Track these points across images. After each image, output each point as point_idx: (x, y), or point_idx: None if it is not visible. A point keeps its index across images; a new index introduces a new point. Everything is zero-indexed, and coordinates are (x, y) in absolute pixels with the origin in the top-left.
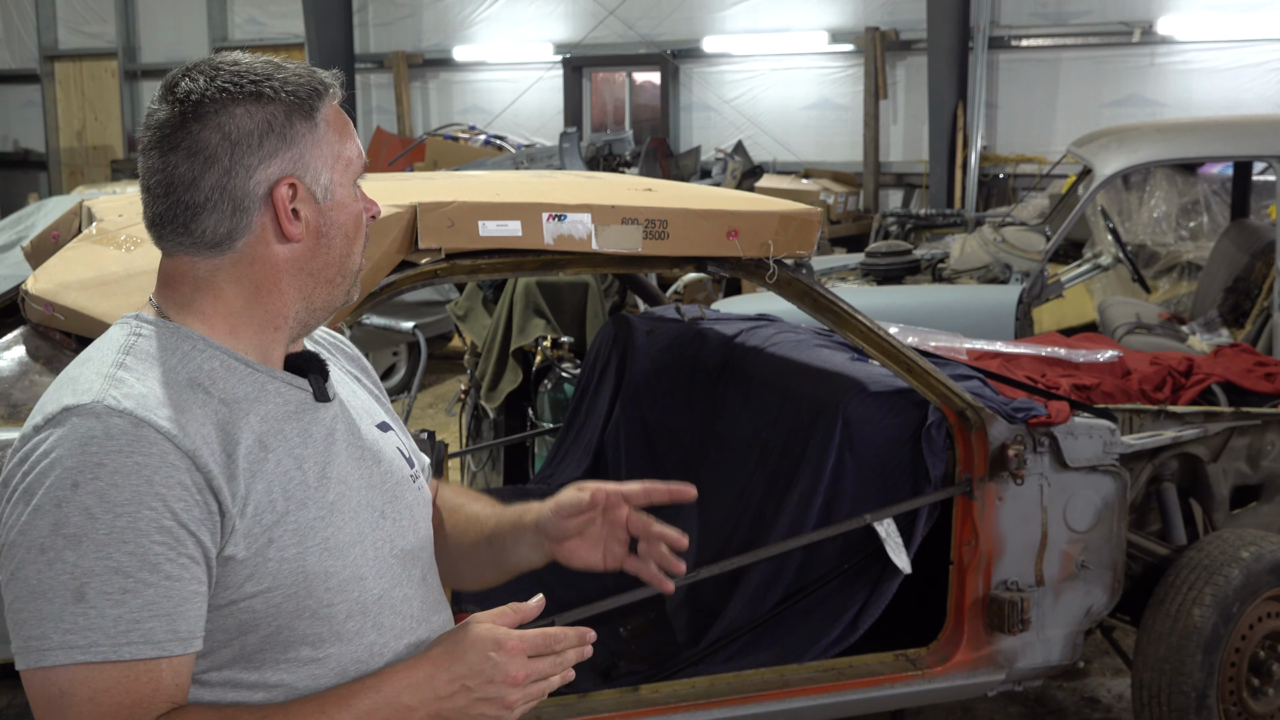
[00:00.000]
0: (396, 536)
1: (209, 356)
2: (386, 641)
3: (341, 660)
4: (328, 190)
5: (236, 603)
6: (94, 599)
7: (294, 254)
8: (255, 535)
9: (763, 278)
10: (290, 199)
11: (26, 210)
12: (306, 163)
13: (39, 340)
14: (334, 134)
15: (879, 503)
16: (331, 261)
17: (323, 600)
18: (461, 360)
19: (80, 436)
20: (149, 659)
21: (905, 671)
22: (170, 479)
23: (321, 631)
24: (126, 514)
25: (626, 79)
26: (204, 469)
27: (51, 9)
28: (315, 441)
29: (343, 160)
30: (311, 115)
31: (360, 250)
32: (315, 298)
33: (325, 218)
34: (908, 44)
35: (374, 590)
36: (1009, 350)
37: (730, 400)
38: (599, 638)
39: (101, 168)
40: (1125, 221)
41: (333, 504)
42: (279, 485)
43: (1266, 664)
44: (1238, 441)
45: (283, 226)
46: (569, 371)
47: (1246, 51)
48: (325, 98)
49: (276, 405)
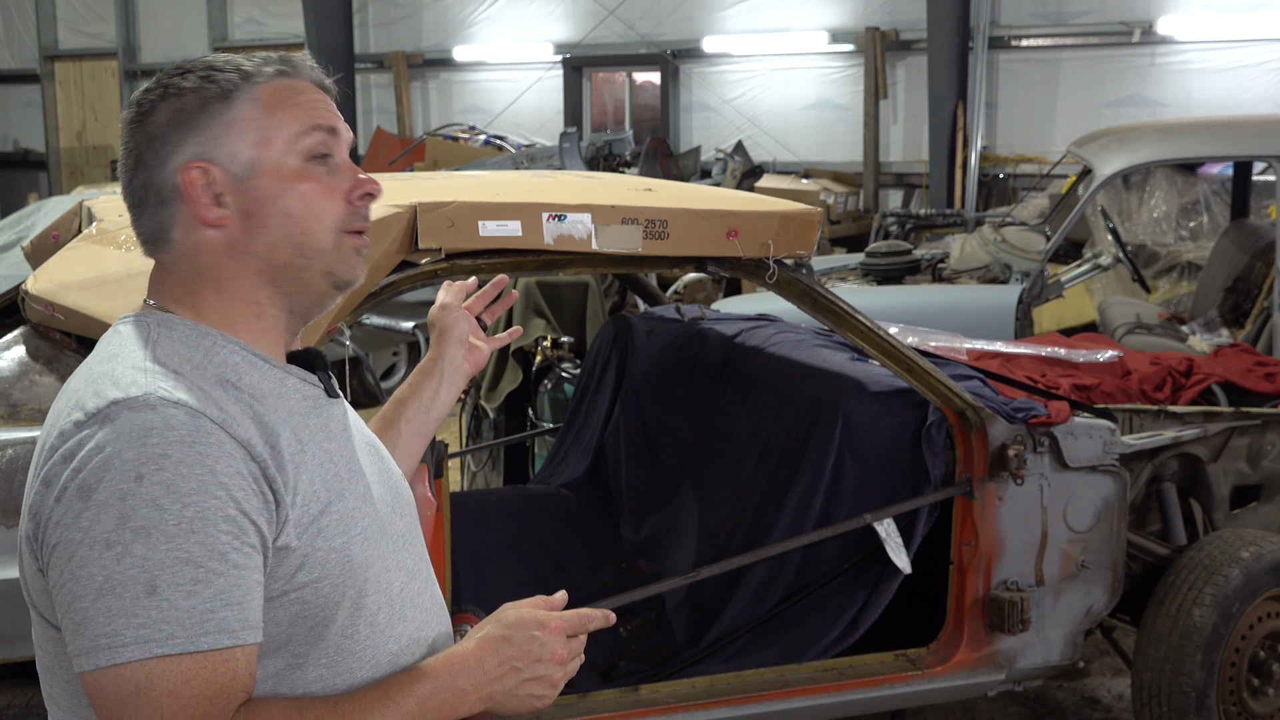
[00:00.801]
0: (405, 531)
1: (230, 352)
2: (412, 633)
3: (376, 654)
4: (250, 168)
5: (288, 593)
6: (166, 591)
7: (228, 238)
8: (304, 525)
9: (763, 278)
10: (204, 182)
11: (26, 210)
12: (220, 144)
13: (39, 340)
14: (259, 110)
15: (879, 503)
16: (277, 242)
17: (363, 591)
18: None
19: (137, 429)
20: (226, 648)
21: (905, 671)
22: (230, 468)
23: (357, 622)
24: (194, 504)
25: (626, 79)
26: (259, 459)
27: (51, 9)
28: (336, 436)
29: (274, 136)
30: (227, 98)
31: (330, 226)
32: (283, 282)
33: (250, 195)
34: (908, 44)
35: (397, 583)
36: (1009, 350)
37: (730, 400)
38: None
39: (101, 168)
40: (1125, 221)
41: (363, 495)
42: (320, 476)
43: (1266, 664)
44: (1238, 441)
45: (199, 212)
46: (569, 371)
47: (1246, 51)
48: (255, 80)
49: (297, 401)
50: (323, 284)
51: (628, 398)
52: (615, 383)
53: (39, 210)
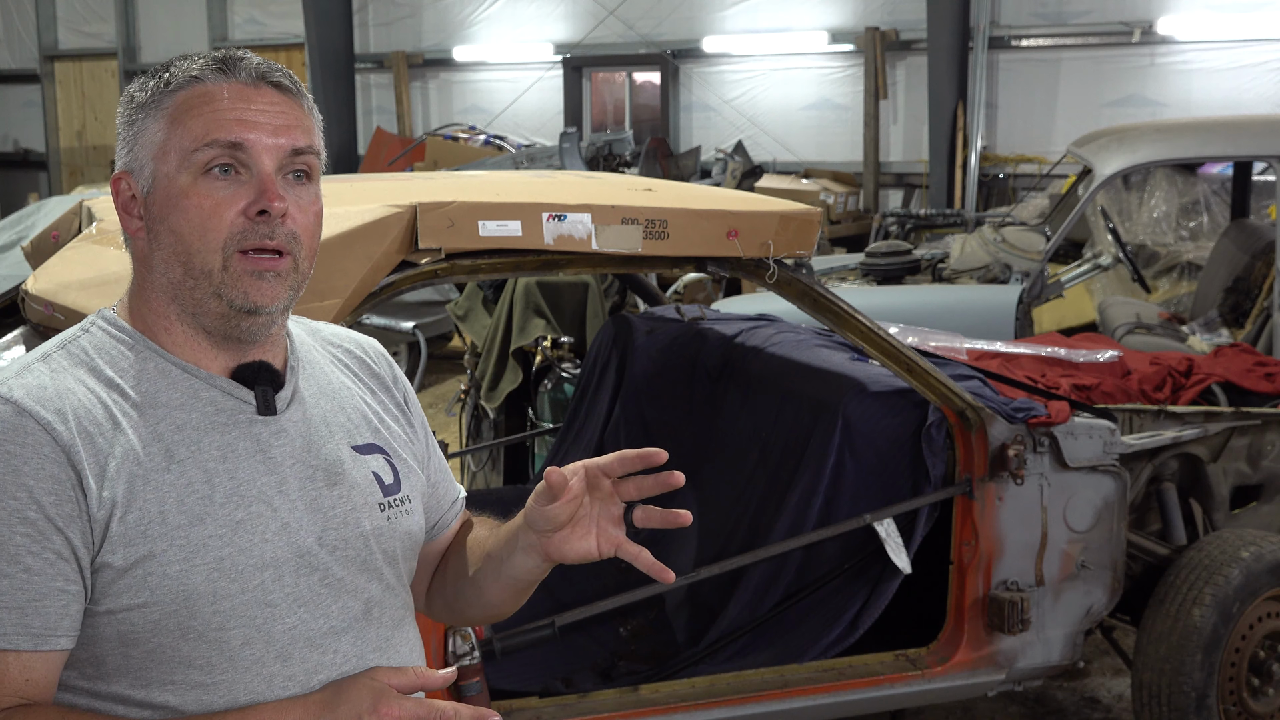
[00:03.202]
0: (334, 565)
1: (144, 358)
2: (293, 674)
3: (234, 689)
4: (150, 181)
5: (114, 612)
6: None
7: (141, 250)
8: (136, 545)
9: (763, 278)
10: (127, 194)
11: (26, 210)
12: (134, 155)
13: (39, 340)
14: (165, 122)
15: (879, 503)
16: (169, 258)
17: (211, 623)
18: (461, 360)
19: None
20: None
21: (905, 671)
22: (41, 471)
23: (211, 656)
24: None
25: (626, 79)
26: (77, 466)
27: (51, 9)
28: (238, 456)
29: (170, 148)
30: (156, 108)
31: (217, 246)
32: (183, 300)
33: (149, 210)
34: (908, 44)
35: (287, 620)
36: (1009, 350)
37: (730, 400)
38: (599, 638)
39: (101, 168)
40: (1125, 221)
41: (240, 523)
42: (174, 497)
43: (1266, 664)
44: (1238, 441)
45: (124, 221)
46: (569, 371)
47: (1246, 51)
48: (170, 89)
49: (203, 414)
50: (218, 306)
51: (628, 398)
52: (615, 383)
53: (39, 210)
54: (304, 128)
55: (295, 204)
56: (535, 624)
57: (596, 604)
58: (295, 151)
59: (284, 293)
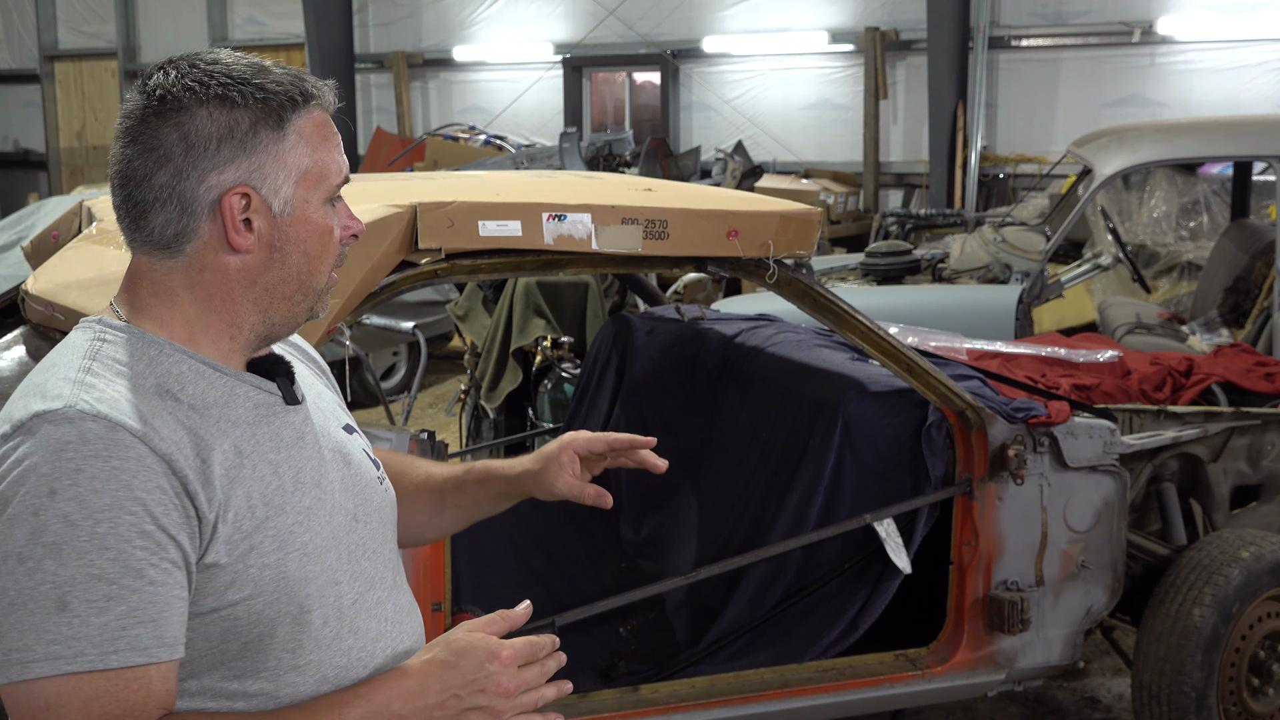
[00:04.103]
0: (369, 539)
1: (176, 361)
2: (364, 646)
3: (321, 668)
4: (287, 204)
5: (219, 610)
6: (77, 607)
7: (245, 265)
8: (236, 542)
9: (763, 278)
10: (242, 209)
11: (26, 210)
12: (266, 174)
13: (39, 340)
14: (305, 146)
15: (879, 503)
16: (288, 277)
17: (303, 606)
18: (461, 360)
19: (55, 442)
20: (137, 666)
21: (905, 671)
22: (149, 483)
23: (301, 638)
24: (107, 519)
25: (626, 79)
26: (180, 474)
27: (51, 9)
28: (287, 445)
29: (312, 175)
30: (280, 125)
31: (328, 268)
32: (273, 312)
33: (281, 232)
34: (908, 44)
35: (349, 595)
36: (1009, 350)
37: (730, 400)
38: (599, 638)
39: (101, 168)
40: (1125, 221)
41: (309, 509)
42: (258, 491)
43: (1266, 664)
44: (1238, 441)
45: (230, 236)
46: (569, 371)
47: (1246, 51)
48: (301, 108)
49: (246, 410)
50: (303, 317)
51: (628, 398)
52: (615, 383)
53: (39, 210)
54: None
55: None
56: (535, 624)
57: (596, 604)
58: None
59: None
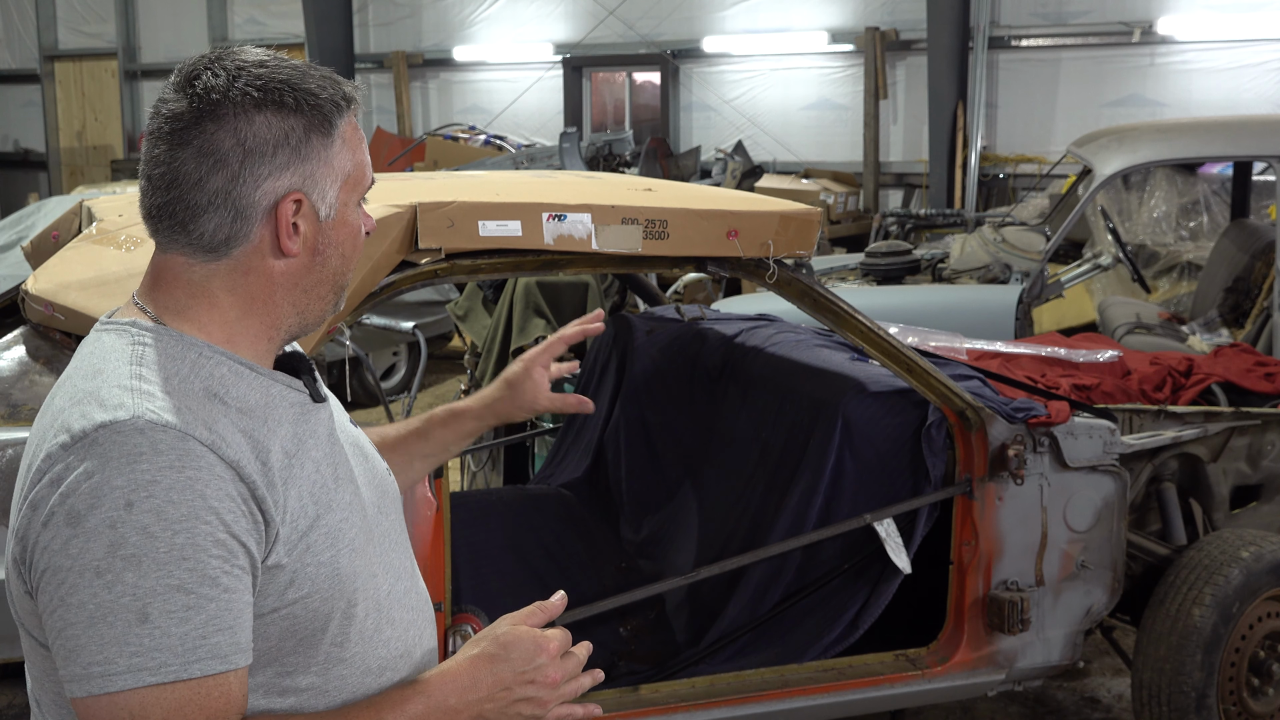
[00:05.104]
0: (391, 530)
1: (217, 364)
2: (400, 635)
3: (365, 659)
4: (332, 208)
5: (279, 610)
6: (158, 619)
7: (290, 269)
8: (294, 542)
9: (763, 278)
10: (294, 214)
11: (26, 210)
12: (316, 179)
13: (39, 340)
14: (347, 151)
15: (879, 503)
16: (325, 278)
17: (352, 600)
18: (461, 360)
19: (127, 454)
20: (219, 674)
21: (905, 671)
22: (220, 491)
23: (348, 631)
24: (185, 530)
25: (626, 79)
26: (248, 479)
27: (51, 9)
28: (322, 443)
29: (353, 178)
30: (329, 131)
31: (355, 267)
32: (308, 311)
33: (325, 236)
34: (908, 44)
35: (384, 586)
36: (1009, 350)
37: (730, 400)
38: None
39: (101, 168)
40: (1125, 221)
41: (349, 504)
42: (308, 490)
43: (1266, 664)
44: (1238, 441)
45: (281, 241)
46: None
47: (1246, 51)
48: (345, 112)
49: (286, 409)
50: (330, 314)
51: (628, 398)
52: (615, 383)
53: (39, 210)
54: None
55: None
56: None
57: (596, 604)
58: None
59: None
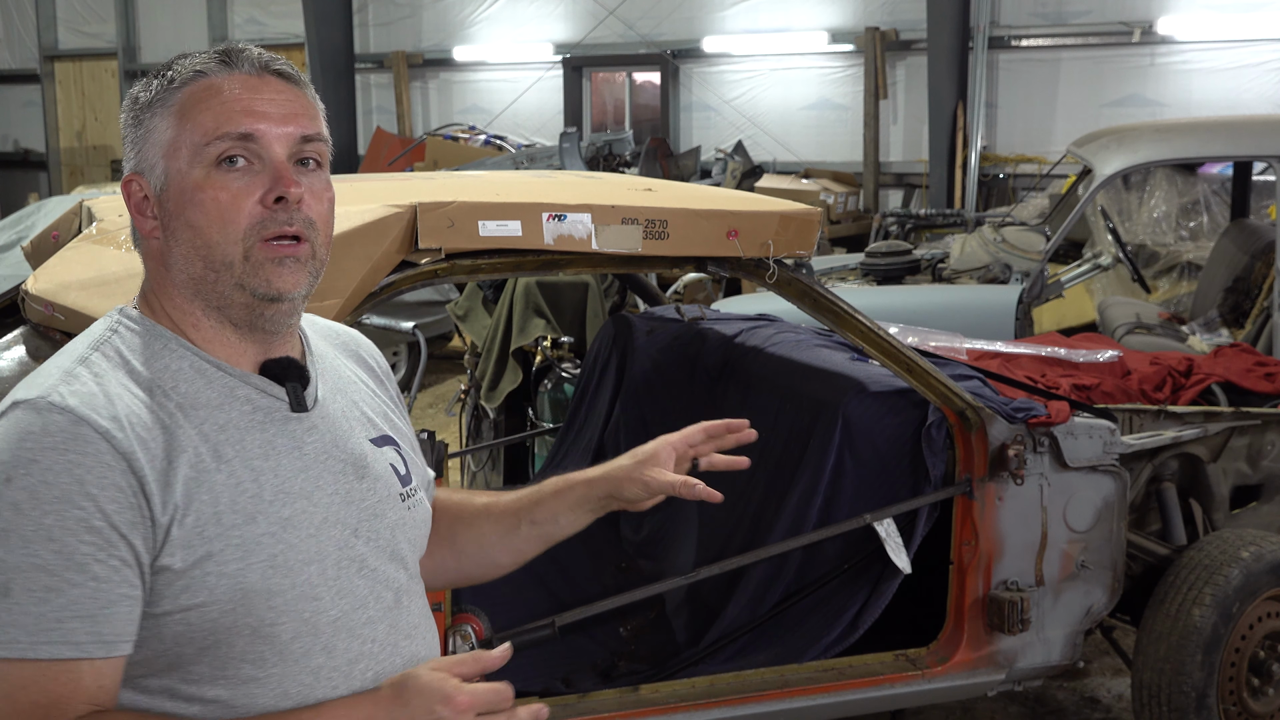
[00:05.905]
0: (369, 556)
1: (179, 357)
2: (337, 665)
3: (284, 682)
4: (163, 179)
5: (171, 614)
6: (18, 595)
7: (158, 250)
8: (194, 547)
9: (763, 278)
10: (139, 194)
11: (26, 210)
12: (145, 155)
13: (39, 340)
14: (173, 119)
15: (879, 503)
16: (188, 254)
17: (264, 619)
18: (461, 360)
19: (19, 431)
20: (67, 659)
21: (905, 671)
22: (104, 479)
23: (264, 650)
24: (54, 511)
25: (626, 79)
26: (138, 473)
27: (51, 9)
28: (279, 453)
29: (181, 144)
30: (150, 108)
31: (235, 236)
32: (206, 295)
33: (164, 208)
34: (908, 44)
35: (331, 612)
36: (1009, 350)
37: (730, 400)
38: (599, 638)
39: (101, 168)
40: (1125, 221)
41: (288, 520)
42: (227, 498)
43: (1266, 664)
44: (1238, 441)
45: (138, 222)
46: (569, 371)
47: (1246, 51)
48: (174, 86)
49: (242, 413)
50: (241, 296)
51: (628, 398)
52: (615, 383)
53: (39, 210)
54: (310, 115)
55: (309, 190)
56: (535, 624)
57: (596, 604)
58: (305, 139)
59: (305, 279)
